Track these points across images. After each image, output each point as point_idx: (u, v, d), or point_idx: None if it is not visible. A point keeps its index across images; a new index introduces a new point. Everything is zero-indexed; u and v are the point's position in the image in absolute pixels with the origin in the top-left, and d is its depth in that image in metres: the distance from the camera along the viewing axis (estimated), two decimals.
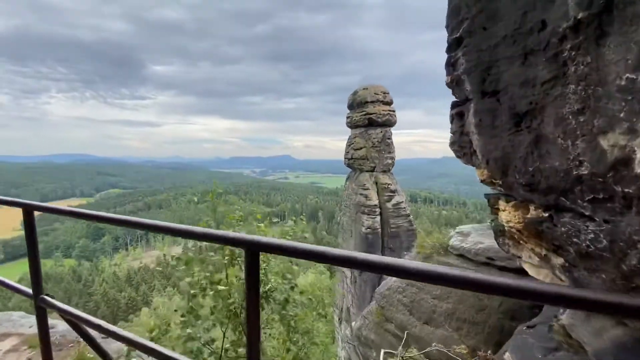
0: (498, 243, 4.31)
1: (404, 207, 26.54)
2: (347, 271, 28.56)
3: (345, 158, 29.38)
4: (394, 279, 8.80)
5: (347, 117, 29.69)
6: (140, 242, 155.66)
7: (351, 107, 29.38)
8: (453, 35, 3.82)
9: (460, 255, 7.74)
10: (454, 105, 4.17)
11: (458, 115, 3.99)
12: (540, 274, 3.90)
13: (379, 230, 25.44)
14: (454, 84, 3.97)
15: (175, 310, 6.50)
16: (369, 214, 25.48)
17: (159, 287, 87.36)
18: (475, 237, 7.94)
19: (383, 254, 20.66)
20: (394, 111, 27.57)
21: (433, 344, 7.22)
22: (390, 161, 27.03)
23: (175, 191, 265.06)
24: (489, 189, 4.10)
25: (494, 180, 3.66)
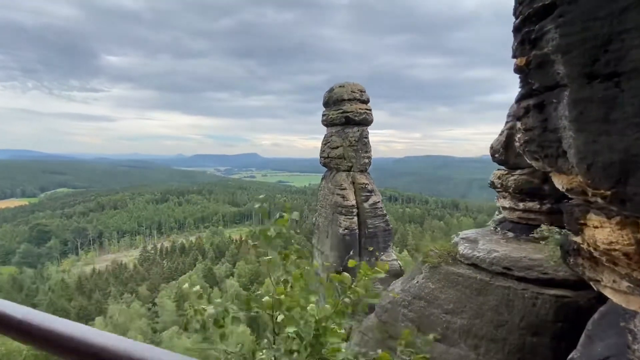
0: (567, 263, 3.63)
1: (381, 207, 26.25)
2: (322, 273, 27.67)
3: (321, 157, 28.49)
4: (397, 290, 8.05)
5: (323, 115, 28.83)
6: (93, 245, 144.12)
7: (327, 104, 28.55)
8: (536, 3, 3.00)
9: (473, 265, 7.15)
10: (527, 95, 3.36)
11: (537, 107, 3.18)
12: (631, 302, 3.22)
13: (357, 231, 24.90)
14: (533, 66, 3.15)
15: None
16: (346, 215, 24.83)
17: (115, 294, 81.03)
18: (486, 244, 7.40)
19: (360, 255, 20.03)
20: (370, 110, 27.15)
21: None
22: (367, 160, 26.58)
23: (133, 191, 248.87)
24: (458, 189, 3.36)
25: (593, 190, 2.89)
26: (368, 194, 25.60)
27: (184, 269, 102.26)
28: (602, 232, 2.93)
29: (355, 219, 24.99)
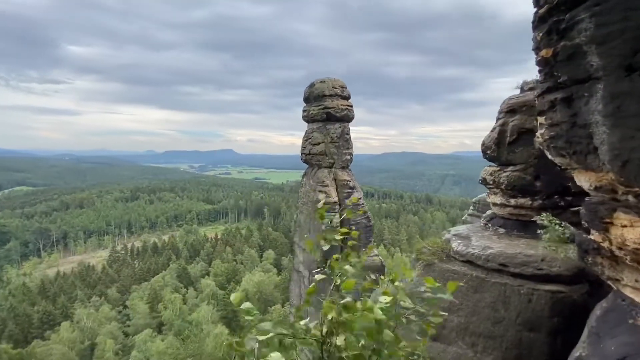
0: (585, 262, 3.56)
1: (362, 204, 26.33)
2: (304, 271, 27.51)
3: (302, 153, 28.08)
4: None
5: (304, 111, 28.41)
6: (57, 246, 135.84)
7: (307, 100, 28.15)
8: None
9: (467, 262, 7.13)
10: (552, 89, 3.20)
11: (565, 101, 3.03)
12: None
13: (339, 228, 24.77)
14: (561, 58, 2.99)
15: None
16: (328, 212, 24.65)
17: (82, 297, 76.87)
18: (480, 240, 7.41)
19: (342, 252, 19.96)
20: (351, 106, 27.05)
21: None
22: (348, 157, 26.51)
23: (100, 188, 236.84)
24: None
25: (626, 189, 2.77)
26: (350, 190, 25.56)
27: (156, 270, 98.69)
28: (632, 232, 2.82)
29: (338, 215, 24.87)
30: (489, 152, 7.81)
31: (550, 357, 6.17)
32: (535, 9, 3.33)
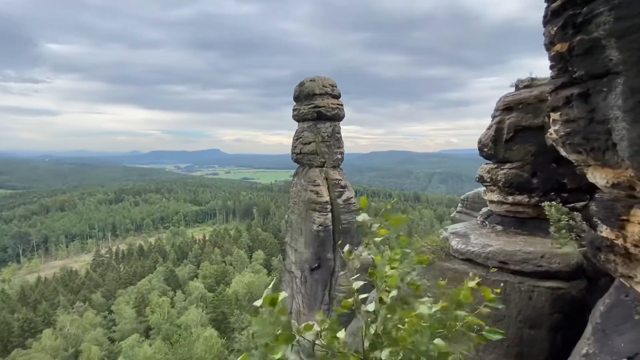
0: (597, 259, 3.53)
1: (354, 203, 26.30)
2: (296, 271, 27.30)
3: (292, 153, 27.84)
4: None
5: (294, 110, 28.17)
6: (37, 251, 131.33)
7: (297, 99, 27.93)
8: None
9: (467, 260, 7.11)
10: (567, 84, 3.14)
11: (581, 96, 2.97)
12: None
13: (331, 227, 24.72)
14: (577, 53, 2.93)
15: None
16: (320, 211, 24.52)
17: (65, 303, 74.48)
18: (479, 238, 7.41)
19: (334, 252, 19.86)
20: (342, 105, 26.98)
21: None
22: (340, 156, 26.43)
23: (82, 190, 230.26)
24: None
25: None
26: (341, 189, 25.50)
27: (143, 273, 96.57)
28: None
29: (329, 215, 24.80)
30: (485, 149, 7.83)
31: (550, 354, 6.21)
32: (547, 3, 3.27)
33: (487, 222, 8.18)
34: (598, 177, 3.14)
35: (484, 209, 8.91)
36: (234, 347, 59.24)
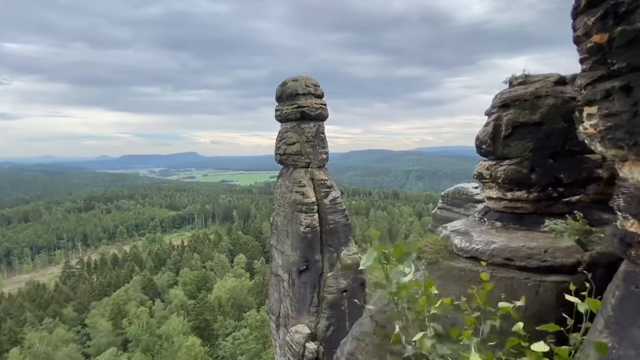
0: (628, 255, 3.49)
1: (340, 202, 26.18)
2: (283, 274, 26.82)
3: (276, 154, 27.35)
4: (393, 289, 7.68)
5: (277, 110, 27.71)
6: None
7: (280, 99, 27.49)
8: None
9: (472, 258, 7.08)
10: (606, 77, 3.04)
11: (623, 89, 2.87)
12: None
13: (318, 228, 24.48)
14: (618, 44, 2.83)
15: None
16: (307, 212, 24.21)
17: (33, 320, 69.93)
18: (481, 235, 7.40)
19: (322, 251, 19.63)
20: (325, 105, 26.80)
21: None
22: (325, 156, 26.23)
23: (48, 199, 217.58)
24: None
25: None
26: (327, 189, 25.32)
27: (118, 283, 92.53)
28: None
29: (316, 215, 24.54)
30: (484, 146, 7.86)
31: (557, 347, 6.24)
32: None
33: (485, 219, 8.22)
34: (637, 172, 3.08)
35: (480, 206, 8.98)
36: (218, 354, 57.81)
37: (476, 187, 36.05)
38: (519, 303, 3.05)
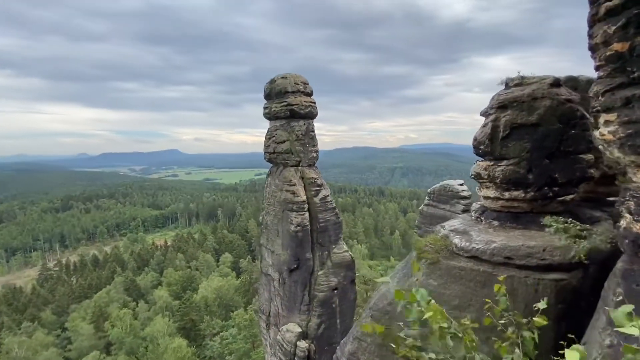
0: (638, 257, 3.59)
1: (330, 201, 26.17)
2: (273, 273, 26.67)
3: (265, 152, 27.04)
4: (393, 289, 7.71)
5: (265, 108, 27.36)
6: None
7: (268, 96, 27.14)
8: None
9: (473, 257, 7.18)
10: (625, 85, 3.09)
11: None
12: None
13: (309, 227, 24.41)
14: (638, 53, 2.87)
15: None
16: (297, 211, 24.08)
17: (10, 324, 67.08)
18: (480, 235, 7.53)
19: (313, 250, 19.57)
20: (314, 103, 26.64)
21: None
22: (315, 154, 26.11)
23: (23, 199, 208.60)
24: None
25: None
26: (318, 188, 25.25)
27: (99, 285, 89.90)
28: None
29: (307, 214, 24.45)
30: (482, 147, 7.98)
31: (556, 342, 6.43)
32: (596, 2, 3.21)
33: (482, 218, 8.37)
34: None
35: (475, 205, 9.14)
36: (205, 355, 57.08)
37: (462, 184, 36.84)
38: (541, 305, 3.10)
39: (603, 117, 3.63)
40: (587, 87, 8.70)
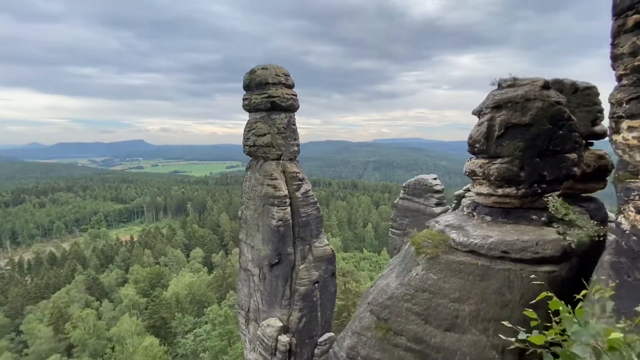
0: None
1: (312, 195, 26.11)
2: (253, 269, 26.28)
3: (245, 145, 26.35)
4: (394, 285, 7.87)
5: (244, 99, 26.59)
6: None
7: (248, 87, 26.39)
8: None
9: (471, 252, 7.47)
10: None
11: None
12: None
13: (290, 221, 24.22)
14: None
15: None
16: (279, 206, 23.80)
17: None
18: (477, 230, 7.83)
19: (294, 245, 19.57)
20: (296, 95, 26.28)
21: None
22: (296, 148, 25.84)
23: None
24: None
25: None
26: (299, 182, 25.07)
27: (58, 284, 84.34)
28: None
29: (289, 209, 24.23)
30: (477, 145, 8.26)
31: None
32: (623, 14, 3.36)
33: (475, 213, 8.71)
34: None
35: (466, 201, 9.49)
36: (178, 353, 55.52)
37: (435, 179, 38.24)
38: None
39: (626, 123, 3.90)
40: (571, 90, 9.25)
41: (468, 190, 26.99)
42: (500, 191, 8.09)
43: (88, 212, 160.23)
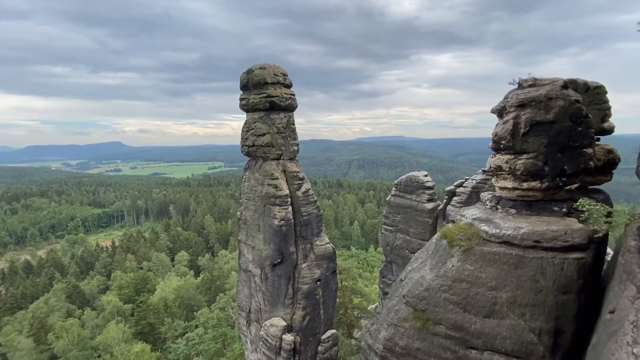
0: None
1: (312, 194, 26.22)
2: (254, 269, 26.15)
3: (244, 145, 26.14)
4: (429, 277, 8.19)
5: (242, 99, 26.38)
6: None
7: (246, 87, 26.19)
8: None
9: (504, 242, 7.88)
10: None
11: None
12: None
13: (292, 220, 24.26)
14: None
15: None
16: (281, 205, 23.78)
17: None
18: (507, 222, 8.25)
19: (296, 244, 19.78)
20: (294, 95, 26.29)
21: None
22: (296, 147, 25.86)
23: None
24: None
25: None
26: (300, 181, 25.12)
27: (35, 293, 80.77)
28: None
29: (290, 208, 24.25)
30: (503, 142, 8.70)
31: (578, 312, 7.39)
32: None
33: (498, 207, 9.17)
34: None
35: (487, 195, 9.92)
36: (169, 358, 54.30)
37: (426, 175, 39.11)
38: None
39: None
40: (583, 89, 9.87)
41: (459, 185, 27.88)
42: (525, 185, 8.57)
43: (64, 217, 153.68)
